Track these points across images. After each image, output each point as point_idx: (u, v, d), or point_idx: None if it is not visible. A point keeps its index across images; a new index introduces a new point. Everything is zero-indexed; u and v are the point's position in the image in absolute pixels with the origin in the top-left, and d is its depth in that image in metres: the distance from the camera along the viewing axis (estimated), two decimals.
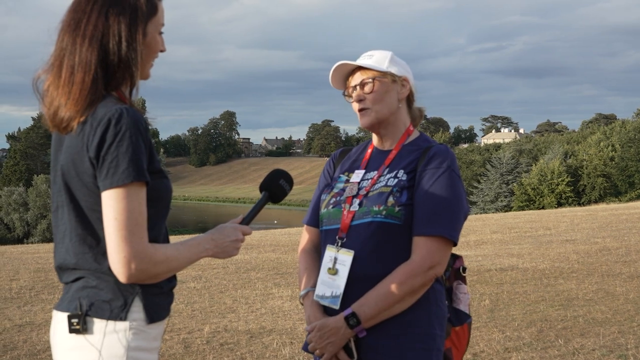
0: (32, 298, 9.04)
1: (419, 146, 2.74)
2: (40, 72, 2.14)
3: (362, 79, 2.73)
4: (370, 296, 2.55)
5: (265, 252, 14.37)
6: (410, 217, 2.59)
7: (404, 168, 2.67)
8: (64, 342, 2.07)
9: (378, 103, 2.72)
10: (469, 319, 2.82)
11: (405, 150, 2.75)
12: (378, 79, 2.72)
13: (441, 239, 2.56)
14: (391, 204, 2.59)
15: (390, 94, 2.74)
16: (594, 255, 12.30)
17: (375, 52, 2.80)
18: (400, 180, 2.64)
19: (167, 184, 2.14)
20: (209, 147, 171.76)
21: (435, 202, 2.57)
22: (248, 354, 6.19)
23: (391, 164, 2.73)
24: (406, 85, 2.78)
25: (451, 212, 2.59)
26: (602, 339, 6.46)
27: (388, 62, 2.75)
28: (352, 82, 2.77)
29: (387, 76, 2.73)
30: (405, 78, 2.78)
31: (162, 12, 2.19)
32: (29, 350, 6.34)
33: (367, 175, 2.76)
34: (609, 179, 64.42)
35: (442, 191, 2.58)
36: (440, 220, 2.56)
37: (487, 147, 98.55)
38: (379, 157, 2.80)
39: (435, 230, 2.55)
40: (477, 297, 8.57)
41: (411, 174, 2.65)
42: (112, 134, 1.95)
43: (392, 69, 2.74)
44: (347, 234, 2.66)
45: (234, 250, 2.29)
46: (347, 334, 2.57)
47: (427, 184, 2.59)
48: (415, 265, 2.54)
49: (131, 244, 1.93)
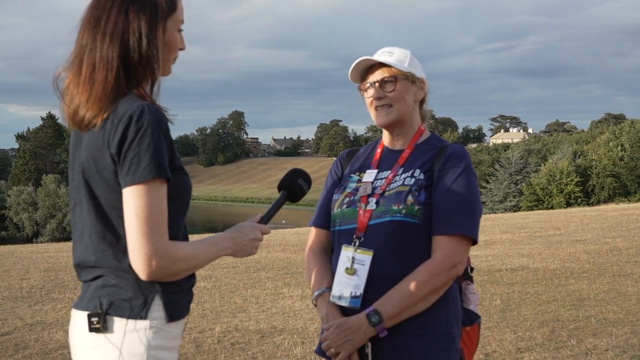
0: (42, 297, 9.06)
1: (433, 145, 2.73)
2: (61, 70, 2.13)
3: (383, 76, 2.70)
4: (393, 295, 2.53)
5: (275, 251, 14.38)
6: (428, 216, 2.58)
7: (420, 167, 2.66)
8: (83, 341, 2.06)
9: (398, 102, 2.70)
10: (479, 319, 2.81)
11: (419, 150, 2.73)
12: (400, 79, 2.70)
13: (462, 237, 2.56)
14: (410, 202, 2.58)
15: (409, 94, 2.73)
16: (604, 256, 12.25)
17: (395, 49, 2.77)
18: (418, 180, 2.62)
19: (187, 180, 2.13)
20: (217, 147, 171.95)
21: (455, 201, 2.56)
22: (259, 354, 6.18)
23: (405, 163, 2.71)
24: (423, 87, 2.78)
25: (471, 211, 2.58)
26: (614, 339, 6.43)
27: (409, 62, 2.73)
28: (372, 78, 2.73)
29: (408, 76, 2.71)
30: (423, 80, 2.77)
31: (181, 9, 2.18)
32: (41, 349, 6.34)
33: (380, 174, 2.74)
34: (618, 179, 64.15)
35: (461, 190, 2.57)
36: (461, 219, 2.55)
37: (495, 147, 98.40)
38: (390, 156, 2.79)
39: (457, 229, 2.54)
40: (488, 297, 8.55)
41: (428, 174, 2.63)
42: (133, 131, 1.94)
43: (412, 69, 2.73)
44: (364, 234, 2.64)
45: (253, 249, 2.28)
46: (369, 332, 2.54)
47: (447, 183, 2.58)
48: (438, 263, 2.53)
49: (152, 241, 1.93)
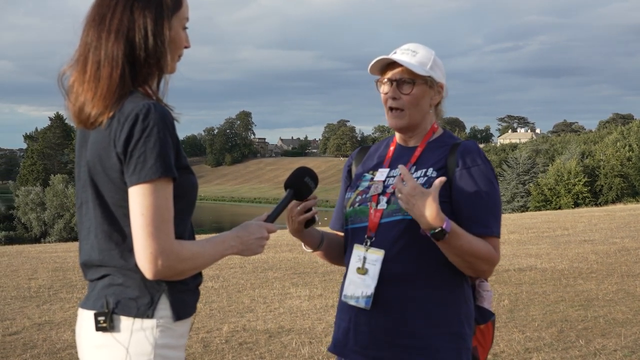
0: (50, 297, 9.07)
1: (445, 142, 2.70)
2: (66, 68, 2.12)
3: (402, 77, 2.64)
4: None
5: (282, 251, 14.38)
6: None
7: (432, 165, 2.63)
8: (90, 340, 2.06)
9: (414, 107, 2.66)
10: (493, 317, 2.79)
11: (431, 147, 2.70)
12: (418, 83, 2.64)
13: (495, 238, 2.56)
14: None
15: (425, 99, 2.68)
16: (612, 256, 12.21)
17: (420, 48, 2.70)
18: (430, 178, 2.59)
19: (193, 179, 2.12)
20: (225, 147, 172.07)
21: (482, 201, 2.55)
22: (267, 354, 6.18)
23: (418, 161, 2.68)
24: (441, 92, 2.73)
25: (496, 209, 2.59)
26: (623, 340, 6.40)
27: (430, 65, 2.67)
28: (391, 75, 2.67)
29: (427, 80, 2.66)
30: (442, 85, 2.72)
31: (186, 7, 2.17)
32: (49, 349, 6.35)
33: (393, 172, 2.71)
34: (626, 179, 63.89)
35: (486, 189, 2.55)
36: (490, 220, 2.55)
37: (503, 147, 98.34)
38: (403, 154, 2.75)
39: (489, 230, 2.54)
40: (496, 297, 8.52)
41: (441, 171, 2.60)
42: (139, 129, 1.94)
43: (433, 73, 2.66)
44: (376, 233, 2.62)
45: (259, 247, 2.27)
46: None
47: (470, 183, 2.55)
48: (493, 256, 2.54)
49: (158, 240, 1.92)
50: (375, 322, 2.59)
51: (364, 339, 2.61)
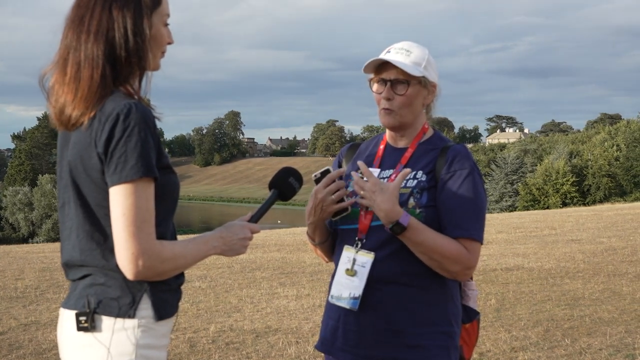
0: (37, 297, 9.03)
1: (435, 145, 2.70)
2: (46, 70, 2.12)
3: (397, 77, 2.63)
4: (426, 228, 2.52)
5: (270, 251, 14.36)
6: (430, 220, 2.55)
7: (422, 169, 2.63)
8: (71, 340, 2.05)
9: (406, 107, 2.65)
10: (478, 315, 2.81)
11: (422, 149, 2.70)
12: (413, 83, 2.64)
13: (473, 241, 2.55)
14: (412, 205, 2.55)
15: (418, 99, 2.67)
16: (599, 255, 12.27)
17: (414, 47, 2.69)
18: (420, 181, 2.60)
19: (174, 179, 2.12)
20: (213, 147, 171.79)
21: (464, 205, 2.55)
22: (254, 353, 6.18)
23: (408, 163, 2.68)
24: (434, 91, 2.73)
25: (480, 214, 2.58)
26: (609, 339, 6.44)
27: (424, 65, 2.66)
28: (385, 74, 2.66)
29: (421, 81, 2.65)
30: (434, 85, 2.72)
31: (166, 3, 2.16)
32: (35, 350, 6.33)
33: (383, 174, 2.70)
34: (614, 179, 64.19)
35: (469, 193, 2.55)
36: (470, 223, 2.54)
37: (491, 147, 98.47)
38: (393, 154, 2.75)
39: (468, 233, 2.54)
40: (483, 296, 8.55)
41: (430, 175, 2.61)
42: (120, 129, 1.93)
43: (426, 73, 2.66)
44: (366, 235, 2.62)
45: (242, 248, 2.27)
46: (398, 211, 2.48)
47: (454, 186, 2.56)
48: (465, 252, 2.54)
49: (139, 240, 1.92)
50: (364, 322, 2.60)
51: (352, 338, 2.62)
